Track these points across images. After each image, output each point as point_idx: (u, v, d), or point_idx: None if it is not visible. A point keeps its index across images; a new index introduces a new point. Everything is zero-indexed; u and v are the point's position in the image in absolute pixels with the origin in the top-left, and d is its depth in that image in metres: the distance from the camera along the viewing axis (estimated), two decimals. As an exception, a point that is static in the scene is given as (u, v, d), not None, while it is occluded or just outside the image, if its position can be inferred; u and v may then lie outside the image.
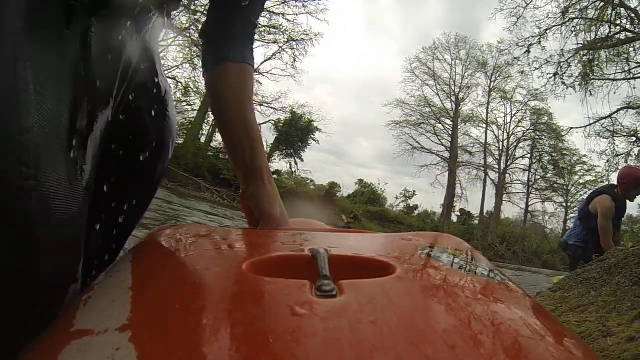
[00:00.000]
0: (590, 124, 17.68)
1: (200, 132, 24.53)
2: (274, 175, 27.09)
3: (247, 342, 0.25)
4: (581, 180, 28.24)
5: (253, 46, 0.92)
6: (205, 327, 0.28)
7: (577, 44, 13.08)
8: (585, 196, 4.22)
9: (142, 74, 0.67)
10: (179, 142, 22.34)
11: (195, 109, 23.67)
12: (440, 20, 50.02)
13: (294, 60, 25.89)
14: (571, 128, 19.87)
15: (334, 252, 0.43)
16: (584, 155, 27.53)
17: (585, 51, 12.83)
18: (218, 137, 25.65)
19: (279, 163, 28.56)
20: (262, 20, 23.86)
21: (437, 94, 31.73)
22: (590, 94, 14.32)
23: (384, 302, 0.31)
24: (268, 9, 23.45)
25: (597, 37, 12.39)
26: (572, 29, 13.17)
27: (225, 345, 0.25)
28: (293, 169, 28.40)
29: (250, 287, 0.34)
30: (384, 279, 0.37)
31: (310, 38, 25.43)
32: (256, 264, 0.40)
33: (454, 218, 31.57)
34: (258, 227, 0.78)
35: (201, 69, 0.91)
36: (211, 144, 25.08)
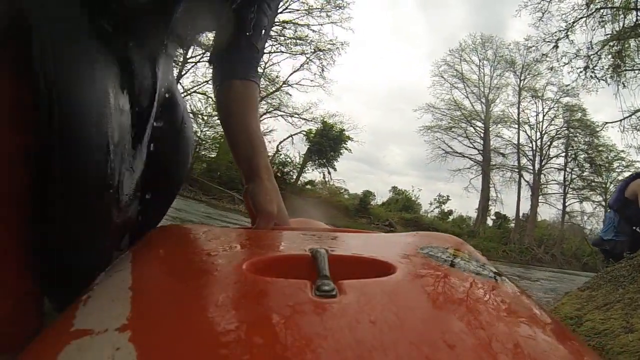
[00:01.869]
0: (625, 118, 16.85)
1: (232, 146, 24.65)
2: (308, 186, 27.08)
3: (248, 342, 0.25)
4: (620, 177, 26.83)
5: (258, 69, 1.00)
6: (205, 327, 0.28)
7: (606, 35, 12.68)
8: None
9: (167, 94, 0.81)
10: (212, 156, 22.82)
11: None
12: (463, 22, 49.34)
13: (323, 70, 25.91)
14: (606, 123, 18.93)
15: (334, 252, 0.43)
16: (622, 151, 26.47)
17: (615, 42, 12.42)
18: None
19: (312, 174, 28.47)
20: (288, 32, 24.06)
21: (467, 97, 31.16)
22: (624, 86, 13.77)
23: (384, 302, 0.31)
24: (293, 21, 23.70)
25: (625, 26, 11.97)
26: (599, 19, 12.78)
27: (226, 345, 0.25)
28: (327, 179, 28.36)
29: (251, 287, 0.34)
30: (384, 279, 0.37)
31: (337, 47, 25.46)
32: (256, 264, 0.40)
33: (489, 222, 30.86)
34: (255, 223, 0.80)
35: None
36: (244, 157, 25.22)
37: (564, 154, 29.36)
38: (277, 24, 23.53)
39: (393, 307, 0.30)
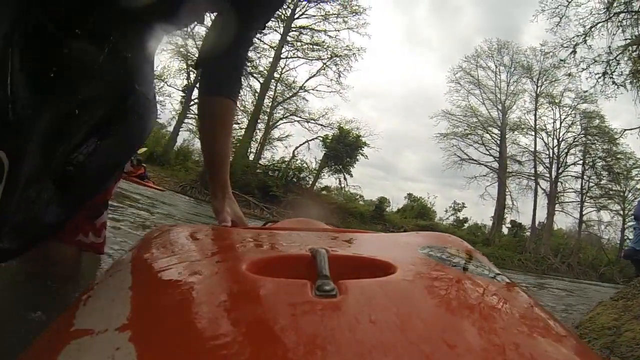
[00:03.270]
0: (644, 125, 16.72)
1: (248, 150, 24.66)
2: (323, 192, 27.00)
3: (248, 342, 0.25)
4: (639, 186, 26.69)
5: (242, 76, 1.10)
6: (205, 327, 0.28)
7: (625, 39, 12.46)
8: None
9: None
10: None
11: (243, 128, 23.91)
12: (477, 27, 49.10)
13: (339, 76, 25.97)
14: (625, 130, 18.70)
15: (335, 252, 0.43)
16: (641, 159, 26.19)
17: (635, 47, 12.19)
18: (266, 154, 26.12)
19: (328, 179, 28.40)
20: (305, 38, 24.21)
21: (484, 103, 30.91)
22: (644, 91, 13.60)
23: (384, 302, 0.31)
24: (310, 27, 23.80)
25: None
26: (619, 24, 12.57)
27: (226, 345, 0.25)
28: (343, 185, 28.30)
29: (251, 287, 0.34)
30: (384, 279, 0.37)
31: (354, 53, 25.51)
32: (257, 264, 0.40)
33: (504, 230, 30.54)
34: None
35: (247, 88, 1.06)
36: (260, 162, 25.27)
37: (581, 162, 28.92)
38: (294, 29, 23.73)
39: (393, 307, 0.30)
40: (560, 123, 29.38)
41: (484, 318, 0.31)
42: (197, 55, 1.06)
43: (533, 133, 29.89)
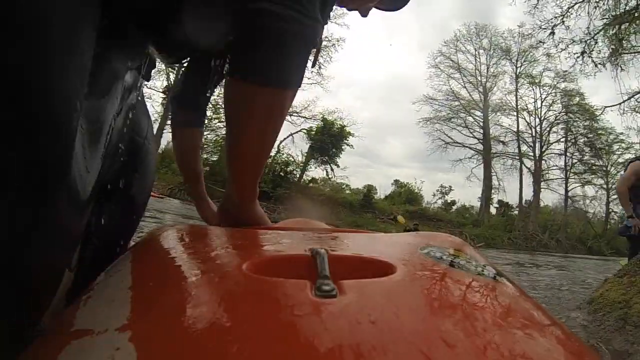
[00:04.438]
0: (625, 101, 16.90)
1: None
2: (311, 184, 26.99)
3: (247, 343, 0.25)
4: (620, 160, 26.82)
5: (206, 109, 1.32)
6: (205, 327, 0.28)
7: (603, 18, 12.54)
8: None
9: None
10: (214, 159, 22.85)
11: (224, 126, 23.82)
12: (454, 11, 49.39)
13: (319, 67, 25.88)
14: (605, 107, 18.96)
15: (335, 252, 0.43)
16: (621, 134, 26.48)
17: (612, 26, 12.28)
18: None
19: (315, 171, 28.37)
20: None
21: (465, 87, 31.11)
22: (622, 69, 13.75)
23: (384, 302, 0.31)
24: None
25: (624, 10, 11.84)
26: (596, 4, 12.63)
27: (226, 345, 0.25)
28: (330, 176, 28.23)
29: (251, 287, 0.34)
30: (384, 279, 0.37)
31: (333, 44, 25.43)
32: (256, 264, 0.40)
33: (493, 210, 30.77)
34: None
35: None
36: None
37: (563, 139, 29.30)
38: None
39: (393, 307, 0.30)
40: (542, 102, 29.72)
41: (484, 318, 0.31)
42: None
43: (515, 113, 30.22)
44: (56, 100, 0.38)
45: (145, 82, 0.78)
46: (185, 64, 1.22)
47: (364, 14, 1.12)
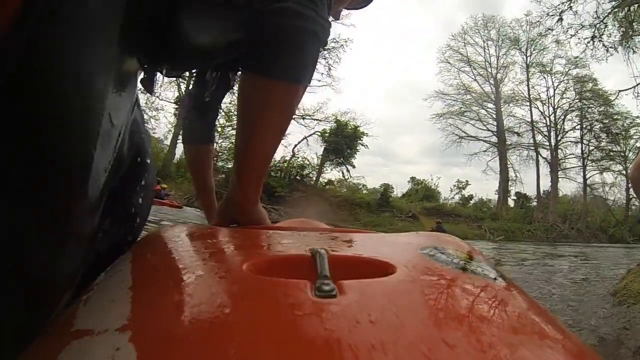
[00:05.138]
0: (639, 84, 16.62)
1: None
2: (327, 186, 27.13)
3: (247, 343, 0.25)
4: (638, 144, 26.55)
5: (215, 125, 1.37)
6: (205, 327, 0.28)
7: (611, 1, 12.31)
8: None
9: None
10: (229, 166, 22.80)
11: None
12: (460, 5, 49.06)
13: (329, 69, 25.92)
14: (620, 91, 18.68)
15: (335, 252, 0.43)
16: (637, 117, 26.09)
17: (620, 9, 12.04)
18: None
19: (331, 173, 28.40)
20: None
21: (475, 79, 30.98)
22: (634, 51, 13.52)
23: (384, 302, 0.31)
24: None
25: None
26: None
27: (226, 345, 0.25)
28: (346, 177, 28.16)
29: (251, 287, 0.34)
30: (384, 279, 0.37)
31: (341, 45, 25.46)
32: (256, 264, 0.40)
33: (510, 203, 30.45)
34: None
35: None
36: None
37: (579, 127, 28.93)
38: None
39: (393, 308, 0.30)
40: (554, 90, 29.43)
41: (483, 319, 0.31)
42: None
43: (528, 103, 29.96)
44: (87, 101, 0.40)
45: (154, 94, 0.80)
46: (194, 78, 1.26)
47: (337, 16, 1.13)
